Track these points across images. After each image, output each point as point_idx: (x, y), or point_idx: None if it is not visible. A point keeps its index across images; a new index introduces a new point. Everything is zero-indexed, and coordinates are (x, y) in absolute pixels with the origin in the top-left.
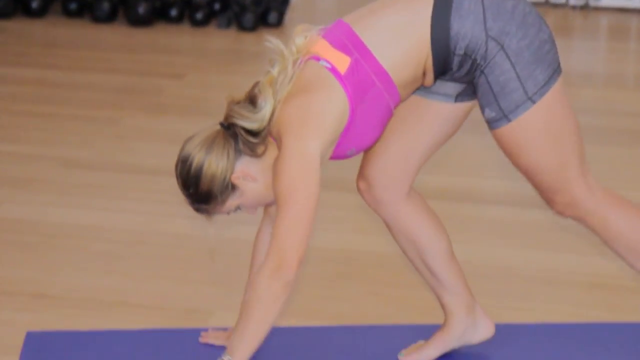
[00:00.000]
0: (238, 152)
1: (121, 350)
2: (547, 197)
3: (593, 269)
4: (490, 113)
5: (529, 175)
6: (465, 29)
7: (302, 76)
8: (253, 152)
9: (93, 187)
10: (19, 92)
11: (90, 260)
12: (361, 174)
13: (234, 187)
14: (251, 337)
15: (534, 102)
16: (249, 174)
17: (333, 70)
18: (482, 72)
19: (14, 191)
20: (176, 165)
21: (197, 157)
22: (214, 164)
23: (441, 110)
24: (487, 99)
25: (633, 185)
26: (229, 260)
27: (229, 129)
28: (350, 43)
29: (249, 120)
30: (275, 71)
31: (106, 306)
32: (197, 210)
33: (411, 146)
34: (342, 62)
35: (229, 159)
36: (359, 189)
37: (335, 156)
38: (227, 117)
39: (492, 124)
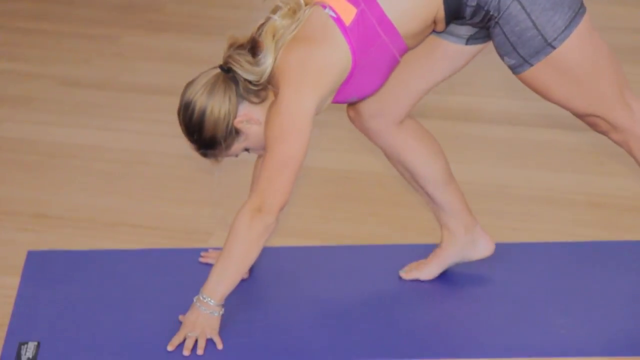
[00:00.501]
0: (240, 97)
1: (121, 270)
2: (588, 122)
3: (592, 188)
4: (510, 60)
5: (564, 108)
6: None
7: (307, 23)
8: (254, 97)
9: (93, 106)
10: (16, 8)
11: (90, 180)
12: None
13: (237, 132)
14: (230, 278)
15: (554, 47)
16: (252, 118)
17: (338, 20)
18: (496, 22)
19: (13, 110)
20: (178, 112)
21: (199, 102)
22: (216, 109)
23: (450, 51)
24: (504, 48)
25: None
26: (228, 180)
27: (229, 72)
28: None
29: (248, 73)
30: (278, 20)
31: (106, 226)
32: (204, 155)
33: (410, 81)
34: (348, 12)
35: (231, 104)
36: (348, 116)
37: (336, 101)
38: (227, 62)
39: (514, 69)
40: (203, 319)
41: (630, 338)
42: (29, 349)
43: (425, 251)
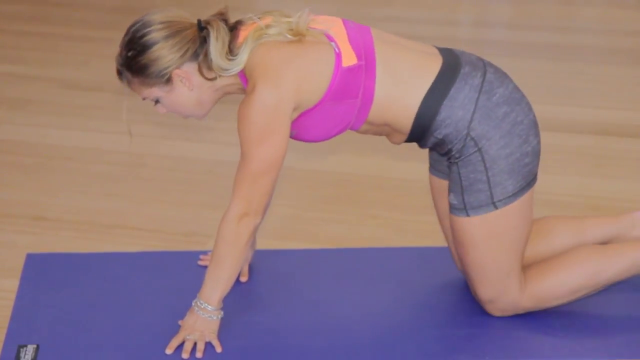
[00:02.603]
0: (195, 56)
1: (120, 272)
2: (484, 300)
3: (591, 190)
4: (453, 200)
5: (472, 272)
6: (451, 119)
7: (306, 38)
8: (206, 69)
9: (91, 108)
10: (15, 11)
11: (89, 182)
12: None
13: (169, 80)
14: (224, 282)
15: (496, 207)
16: (190, 80)
17: (338, 56)
18: (455, 162)
19: (11, 112)
20: (135, 22)
21: (159, 31)
22: (167, 48)
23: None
24: (454, 187)
25: (633, 106)
26: (227, 182)
27: (202, 31)
28: (364, 51)
29: (217, 54)
30: (266, 27)
31: (105, 229)
32: (120, 73)
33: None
34: (349, 58)
35: (184, 56)
36: None
37: None
38: (208, 22)
39: (452, 209)
40: (202, 322)
41: (628, 340)
42: (28, 352)
43: (424, 254)
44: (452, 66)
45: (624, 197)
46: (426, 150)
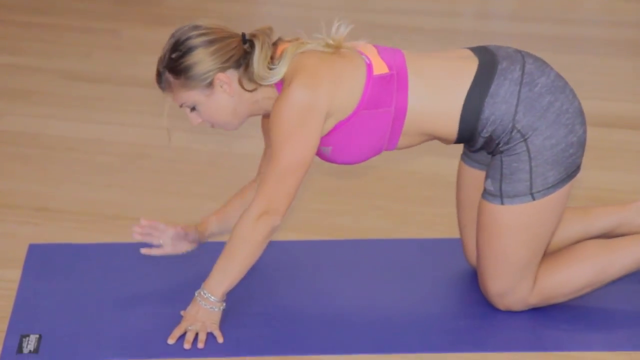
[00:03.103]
0: (237, 65)
1: (122, 263)
2: (493, 293)
3: (593, 182)
4: (490, 186)
5: (488, 263)
6: (495, 116)
7: (338, 51)
8: (246, 80)
9: (93, 99)
10: (17, 2)
11: (91, 173)
12: None
13: (210, 84)
14: (232, 276)
15: (534, 199)
16: (230, 86)
17: (369, 66)
18: (500, 152)
19: (13, 103)
20: (181, 27)
21: (203, 36)
22: (210, 52)
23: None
24: (494, 173)
25: (635, 97)
26: (229, 174)
27: (246, 44)
28: (395, 64)
29: (260, 64)
30: (310, 45)
31: (107, 219)
32: (160, 76)
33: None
34: (380, 67)
35: (228, 62)
36: None
37: None
38: (254, 34)
39: (486, 194)
40: (204, 313)
41: (631, 333)
42: (31, 342)
43: (426, 245)
44: (488, 64)
45: (624, 189)
46: (430, 142)
